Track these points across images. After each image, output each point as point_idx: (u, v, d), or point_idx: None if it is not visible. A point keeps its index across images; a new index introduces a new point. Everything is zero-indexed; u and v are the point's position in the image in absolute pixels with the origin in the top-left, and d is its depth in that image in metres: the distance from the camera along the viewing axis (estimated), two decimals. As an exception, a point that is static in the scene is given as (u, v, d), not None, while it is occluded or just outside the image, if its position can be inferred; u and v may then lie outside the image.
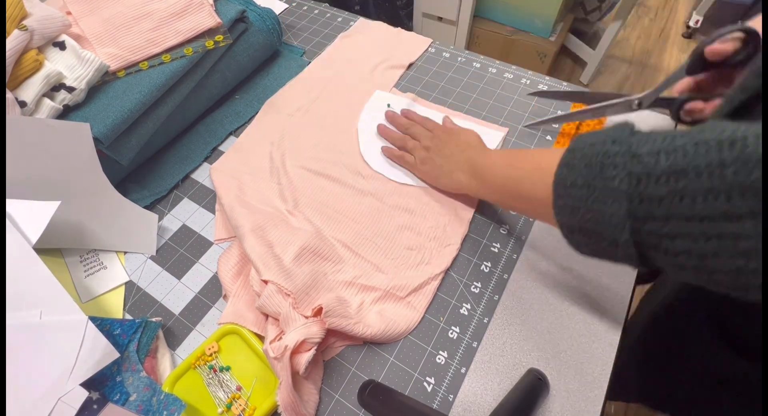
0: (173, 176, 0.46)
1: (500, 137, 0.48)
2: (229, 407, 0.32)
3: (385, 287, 0.37)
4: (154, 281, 0.39)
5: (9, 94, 0.37)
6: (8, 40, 0.37)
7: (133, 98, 0.41)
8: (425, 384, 0.33)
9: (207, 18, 0.47)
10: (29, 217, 0.33)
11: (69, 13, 0.47)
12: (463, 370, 0.34)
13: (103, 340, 0.30)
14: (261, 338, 0.34)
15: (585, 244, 0.27)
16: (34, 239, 0.33)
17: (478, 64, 0.56)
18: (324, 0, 0.70)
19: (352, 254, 0.40)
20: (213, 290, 0.39)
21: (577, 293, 0.37)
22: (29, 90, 0.38)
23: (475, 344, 0.35)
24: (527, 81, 0.54)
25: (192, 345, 0.36)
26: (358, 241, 0.40)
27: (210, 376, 0.33)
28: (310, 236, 0.39)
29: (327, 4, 0.67)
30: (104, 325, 0.33)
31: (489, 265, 0.39)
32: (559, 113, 0.49)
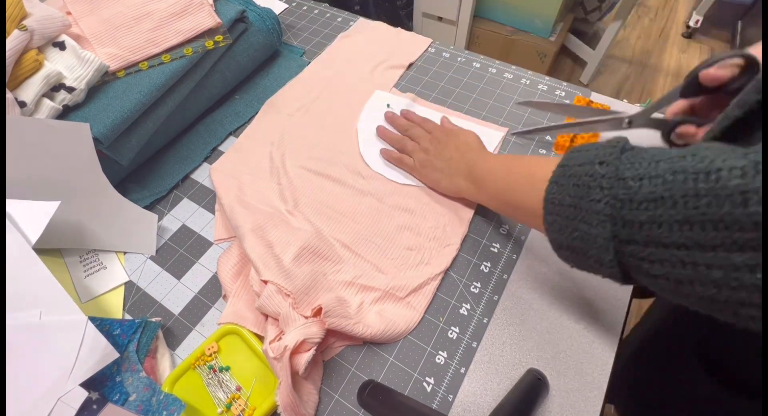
0: (173, 176, 0.46)
1: (500, 136, 0.48)
2: (229, 407, 0.32)
3: (385, 287, 0.37)
4: (154, 281, 0.39)
5: (9, 94, 0.37)
6: (8, 40, 0.37)
7: (133, 98, 0.41)
8: (425, 384, 0.33)
9: (207, 18, 0.47)
10: (29, 217, 0.33)
11: (69, 13, 0.47)
12: (463, 370, 0.34)
13: (103, 340, 0.30)
14: (261, 338, 0.34)
15: (572, 260, 0.28)
16: (34, 239, 0.33)
17: (478, 64, 0.56)
18: (324, 0, 0.70)
19: (352, 255, 0.40)
20: (213, 291, 0.39)
21: (577, 293, 0.37)
22: (29, 90, 0.38)
23: (475, 344, 0.35)
24: (527, 81, 0.54)
25: (192, 345, 0.36)
26: (358, 241, 0.40)
27: (210, 376, 0.33)
28: (310, 236, 0.39)
29: (327, 4, 0.67)
30: (104, 325, 0.33)
31: (489, 265, 0.39)
32: (550, 123, 0.48)
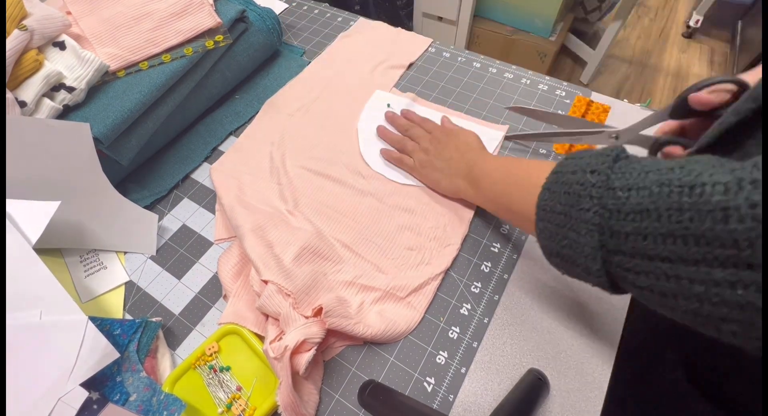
0: (173, 176, 0.46)
1: (500, 136, 0.48)
2: (229, 407, 0.32)
3: (385, 287, 0.37)
4: (154, 281, 0.39)
5: (9, 94, 0.37)
6: (8, 40, 0.37)
7: (133, 98, 0.41)
8: (425, 384, 0.33)
9: (207, 18, 0.47)
10: (29, 217, 0.33)
11: (69, 13, 0.47)
12: (463, 370, 0.34)
13: (103, 340, 0.30)
14: (261, 338, 0.34)
15: (562, 267, 0.28)
16: (34, 239, 0.33)
17: (478, 64, 0.56)
18: (324, 0, 0.70)
19: (352, 255, 0.40)
20: (213, 291, 0.39)
21: (578, 293, 0.37)
22: (29, 90, 0.38)
23: (476, 344, 0.35)
24: (527, 81, 0.54)
25: (192, 345, 0.36)
26: (358, 241, 0.40)
27: (210, 376, 0.33)
28: (310, 236, 0.39)
29: (327, 4, 0.67)
30: (104, 325, 0.33)
31: (489, 265, 0.39)
32: (545, 129, 0.48)
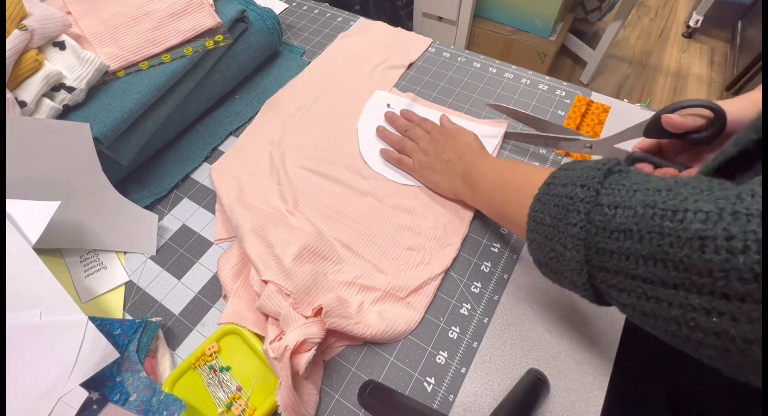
0: (173, 176, 0.46)
1: (501, 133, 0.48)
2: (229, 407, 0.32)
3: (385, 287, 0.37)
4: (154, 281, 0.39)
5: (9, 94, 0.37)
6: (8, 40, 0.37)
7: (133, 98, 0.41)
8: (425, 384, 0.33)
9: (207, 18, 0.47)
10: (29, 217, 0.33)
11: (69, 13, 0.47)
12: (463, 370, 0.34)
13: (103, 340, 0.30)
14: (261, 338, 0.34)
15: (550, 277, 0.28)
16: (34, 239, 0.33)
17: (478, 64, 0.56)
18: (324, 0, 0.70)
19: (352, 255, 0.40)
20: (213, 290, 0.39)
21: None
22: (29, 90, 0.38)
23: (475, 344, 0.35)
24: (527, 81, 0.54)
25: (192, 345, 0.36)
26: (358, 241, 0.40)
27: (210, 376, 0.33)
28: (310, 236, 0.39)
29: (327, 4, 0.67)
30: (104, 325, 0.33)
31: (489, 265, 0.39)
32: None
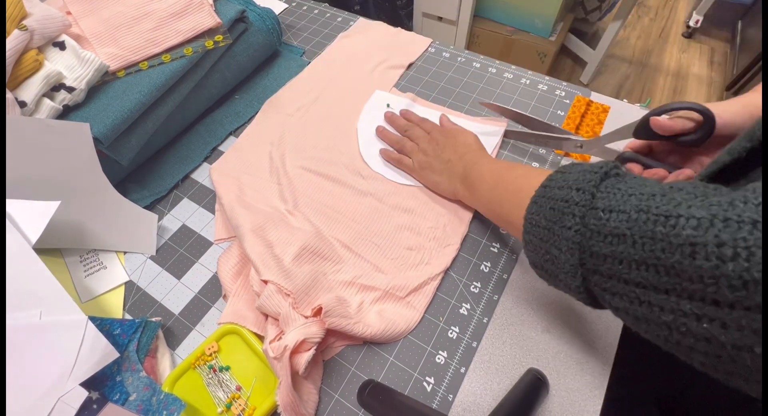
0: (173, 176, 0.46)
1: (500, 132, 0.48)
2: (229, 407, 0.32)
3: (385, 287, 0.37)
4: (154, 281, 0.39)
5: (9, 94, 0.37)
6: (8, 40, 0.37)
7: (133, 98, 0.41)
8: (425, 383, 0.33)
9: (207, 18, 0.47)
10: (29, 217, 0.33)
11: (69, 13, 0.47)
12: (463, 370, 0.34)
13: (103, 340, 0.30)
14: (261, 338, 0.34)
15: (546, 279, 0.28)
16: (34, 239, 0.33)
17: (478, 64, 0.56)
18: (324, 0, 0.70)
19: (352, 254, 0.40)
20: (213, 290, 0.39)
21: (577, 293, 0.37)
22: (29, 90, 0.38)
23: (475, 344, 0.35)
24: (527, 81, 0.54)
25: (192, 344, 0.36)
26: (358, 241, 0.40)
27: (210, 376, 0.33)
28: (310, 236, 0.39)
29: (327, 4, 0.67)
30: (104, 325, 0.33)
31: (489, 265, 0.39)
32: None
